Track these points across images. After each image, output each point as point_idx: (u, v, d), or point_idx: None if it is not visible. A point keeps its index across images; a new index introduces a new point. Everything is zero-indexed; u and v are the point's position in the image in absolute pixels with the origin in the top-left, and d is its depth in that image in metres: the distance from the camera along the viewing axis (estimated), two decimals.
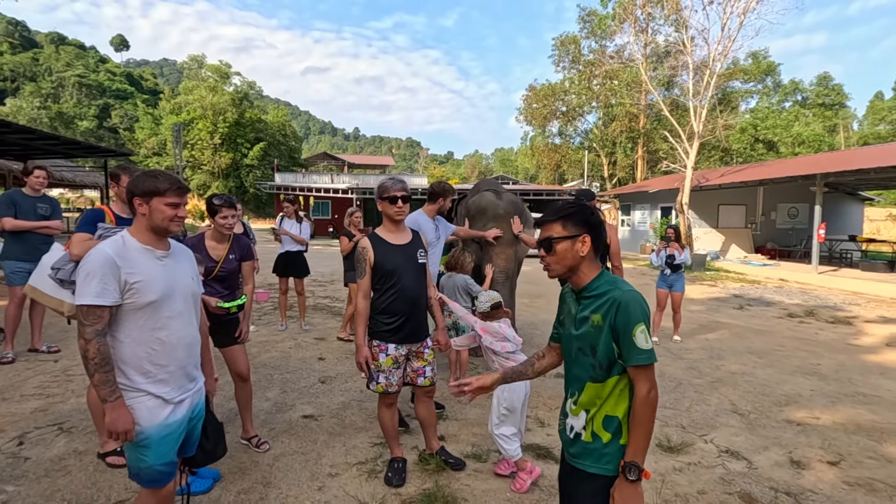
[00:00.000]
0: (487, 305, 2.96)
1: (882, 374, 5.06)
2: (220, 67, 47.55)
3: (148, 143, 46.52)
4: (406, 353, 2.74)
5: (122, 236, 1.81)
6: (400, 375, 2.75)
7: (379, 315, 2.68)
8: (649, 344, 1.44)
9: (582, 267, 1.57)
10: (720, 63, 17.08)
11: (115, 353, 1.72)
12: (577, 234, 1.55)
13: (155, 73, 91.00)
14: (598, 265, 1.60)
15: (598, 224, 1.58)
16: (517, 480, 2.78)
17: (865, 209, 21.44)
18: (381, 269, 2.66)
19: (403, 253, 2.71)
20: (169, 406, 1.79)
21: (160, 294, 1.76)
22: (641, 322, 1.44)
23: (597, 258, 1.60)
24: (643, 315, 1.46)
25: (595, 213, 1.62)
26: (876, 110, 53.34)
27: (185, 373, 1.86)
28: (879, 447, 3.42)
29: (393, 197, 2.67)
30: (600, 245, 1.59)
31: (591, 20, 29.71)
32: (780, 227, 18.68)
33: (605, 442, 1.50)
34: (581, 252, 1.55)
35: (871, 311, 8.54)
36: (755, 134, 32.04)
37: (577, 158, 34.68)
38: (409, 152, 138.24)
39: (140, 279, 1.73)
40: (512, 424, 2.81)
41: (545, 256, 1.60)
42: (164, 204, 1.80)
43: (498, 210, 4.93)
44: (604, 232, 1.61)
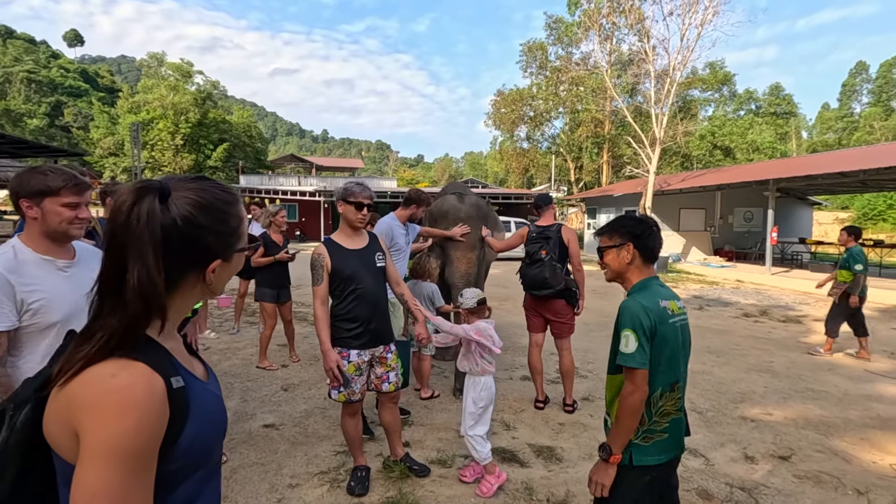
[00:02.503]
0: (473, 301, 2.92)
1: (829, 371, 5.32)
2: (182, 66, 46.05)
3: (103, 143, 44.52)
4: (369, 358, 2.70)
5: (13, 247, 1.53)
6: (363, 382, 2.70)
7: (340, 322, 2.63)
8: (629, 349, 1.61)
9: (628, 274, 1.77)
10: (680, 72, 17.71)
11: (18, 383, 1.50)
12: (620, 243, 1.75)
13: (112, 71, 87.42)
14: (646, 273, 1.77)
15: (643, 234, 1.74)
16: (483, 484, 2.77)
17: (814, 213, 22.61)
18: (340, 275, 2.61)
19: (360, 258, 2.67)
20: None
21: (67, 312, 1.52)
22: (627, 328, 1.63)
23: (646, 265, 1.77)
24: (630, 322, 1.63)
25: (641, 223, 1.76)
26: (824, 120, 56.51)
27: None
28: (826, 441, 3.58)
29: (360, 203, 2.63)
30: (649, 254, 1.76)
31: (557, 27, 30.32)
32: (736, 230, 19.46)
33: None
34: (625, 260, 1.75)
35: (819, 311, 8.98)
36: (713, 140, 33.34)
37: (544, 163, 35.24)
38: (379, 155, 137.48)
39: (40, 297, 1.48)
40: (484, 424, 2.81)
41: (601, 263, 1.85)
42: (59, 205, 1.53)
43: (460, 214, 4.81)
44: (652, 241, 1.76)
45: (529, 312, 4.16)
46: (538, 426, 3.71)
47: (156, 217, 0.75)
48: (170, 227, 0.76)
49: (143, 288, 0.73)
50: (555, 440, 3.47)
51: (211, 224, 0.81)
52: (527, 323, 4.20)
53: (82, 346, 0.72)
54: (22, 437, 0.73)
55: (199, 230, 0.79)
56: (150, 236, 0.74)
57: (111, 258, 0.76)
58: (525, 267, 4.08)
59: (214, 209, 0.82)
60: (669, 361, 1.67)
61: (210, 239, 0.82)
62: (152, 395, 0.70)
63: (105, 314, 0.74)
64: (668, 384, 1.67)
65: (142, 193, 0.76)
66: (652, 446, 1.67)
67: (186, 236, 0.78)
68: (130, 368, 0.71)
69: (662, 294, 1.72)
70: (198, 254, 0.81)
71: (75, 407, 0.68)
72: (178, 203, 0.78)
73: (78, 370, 0.70)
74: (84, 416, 0.67)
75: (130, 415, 0.67)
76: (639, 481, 1.67)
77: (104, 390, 0.68)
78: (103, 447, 0.66)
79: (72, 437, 0.68)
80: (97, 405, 0.67)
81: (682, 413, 1.75)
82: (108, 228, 0.76)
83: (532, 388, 4.20)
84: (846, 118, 54.96)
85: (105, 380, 0.69)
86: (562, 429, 3.67)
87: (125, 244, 0.74)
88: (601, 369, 5.21)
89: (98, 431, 0.66)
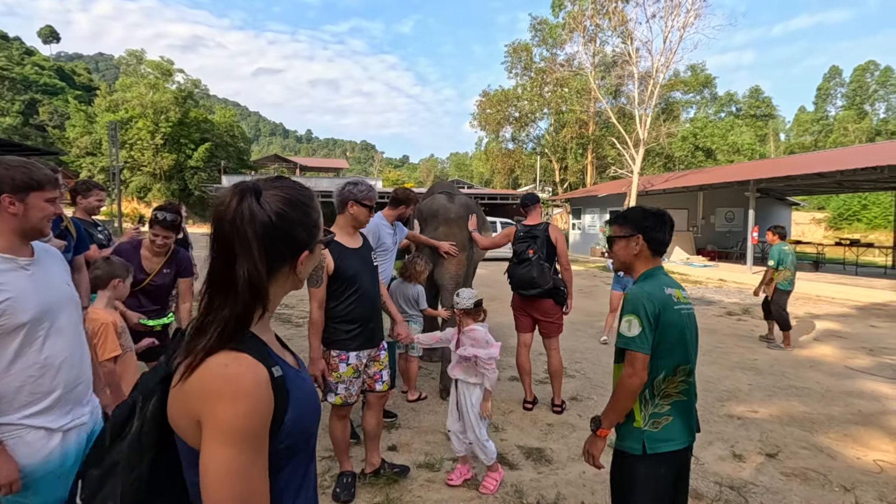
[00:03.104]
0: (470, 302, 2.82)
1: (811, 367, 5.39)
2: (162, 64, 45.19)
3: (80, 143, 43.43)
4: (366, 360, 2.65)
5: None
6: (359, 385, 2.65)
7: (338, 323, 2.57)
8: (631, 332, 1.65)
9: (635, 264, 1.81)
10: (662, 74, 17.92)
11: None
12: (630, 234, 1.79)
13: (89, 69, 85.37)
14: (652, 263, 1.80)
15: (653, 226, 1.78)
16: (488, 482, 2.75)
17: (792, 213, 23.10)
18: (342, 276, 2.56)
19: (360, 257, 2.65)
20: (55, 436, 1.49)
21: (35, 312, 1.44)
22: (630, 313, 1.67)
23: (653, 257, 1.80)
24: (633, 307, 1.67)
25: (652, 216, 1.80)
26: (800, 122, 57.85)
27: (74, 396, 1.56)
28: (811, 437, 3.61)
29: (371, 206, 2.67)
30: (657, 247, 1.79)
31: (542, 29, 30.47)
32: (718, 230, 19.78)
33: (622, 422, 1.73)
34: (634, 251, 1.79)
35: (799, 308, 9.14)
36: (695, 142, 33.86)
37: (529, 163, 35.40)
38: (364, 155, 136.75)
39: (6, 297, 1.40)
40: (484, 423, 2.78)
41: (609, 253, 1.90)
42: (43, 200, 1.48)
43: (450, 214, 4.76)
44: (661, 234, 1.80)
45: (517, 312, 4.13)
46: (527, 427, 3.67)
47: (256, 215, 0.82)
48: (267, 223, 0.83)
49: (252, 280, 0.81)
50: (544, 441, 3.44)
51: (299, 218, 0.88)
52: (515, 323, 4.17)
53: (199, 339, 0.79)
54: (153, 426, 0.82)
55: (290, 224, 0.86)
56: (254, 233, 0.81)
57: (220, 256, 0.82)
58: (513, 266, 4.04)
59: (301, 204, 0.89)
60: (673, 346, 1.70)
61: (299, 232, 0.88)
62: (258, 383, 0.77)
63: (216, 308, 0.81)
64: (670, 367, 1.70)
65: (243, 194, 0.83)
66: (662, 431, 1.68)
67: (281, 231, 0.85)
68: (239, 359, 0.78)
69: (667, 282, 1.77)
70: (290, 247, 0.88)
71: (196, 395, 0.75)
72: (270, 201, 0.84)
73: (200, 361, 0.77)
74: (203, 403, 0.75)
75: (242, 401, 0.75)
76: (655, 472, 1.67)
77: (219, 379, 0.75)
78: (223, 430, 0.73)
79: (195, 424, 0.76)
80: (214, 392, 0.75)
81: (686, 397, 1.75)
82: (215, 228, 0.83)
83: (520, 388, 4.17)
84: (822, 121, 56.33)
85: (220, 369, 0.76)
86: (550, 430, 3.64)
87: (232, 242, 0.81)
88: (588, 369, 5.20)
89: (216, 416, 0.73)
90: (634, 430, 1.70)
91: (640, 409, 1.69)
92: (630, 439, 1.71)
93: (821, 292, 11.06)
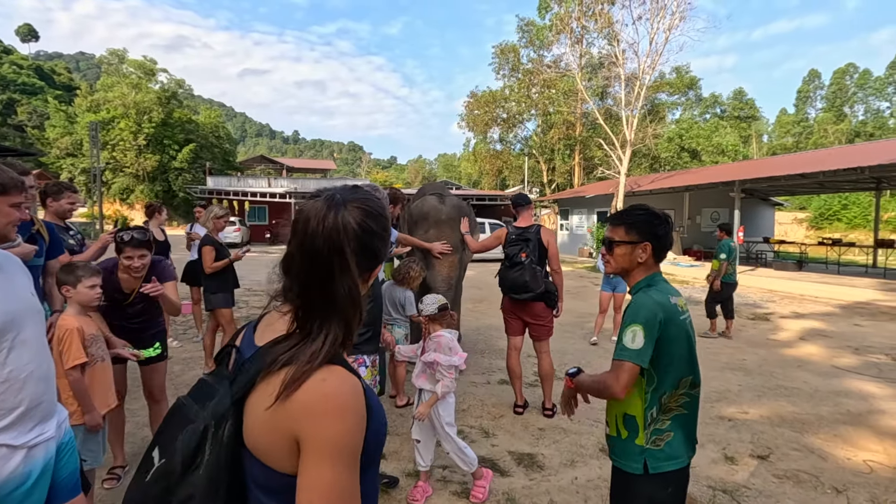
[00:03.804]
0: (435, 307, 2.74)
1: (799, 367, 5.42)
2: (144, 63, 44.43)
3: (60, 143, 42.50)
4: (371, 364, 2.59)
5: None
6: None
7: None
8: (635, 344, 1.52)
9: (635, 272, 1.68)
10: (648, 75, 18.06)
11: None
12: (638, 240, 1.65)
13: (70, 68, 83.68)
14: (654, 269, 1.69)
15: (664, 234, 1.66)
16: (477, 490, 2.67)
17: (776, 213, 23.44)
18: None
19: None
20: (18, 453, 1.39)
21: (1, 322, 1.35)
22: (638, 323, 1.54)
23: (656, 264, 1.69)
24: (644, 317, 1.55)
25: (663, 222, 1.67)
26: (782, 124, 58.87)
27: (40, 411, 1.46)
28: (802, 438, 3.60)
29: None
30: (662, 255, 1.68)
31: (529, 30, 30.56)
32: (704, 230, 19.96)
33: (623, 438, 1.62)
34: (639, 258, 1.66)
35: (785, 308, 9.24)
36: (681, 143, 34.23)
37: (517, 164, 35.47)
38: (352, 156, 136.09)
39: None
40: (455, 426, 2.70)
41: (605, 254, 1.74)
42: (8, 205, 1.41)
43: (440, 215, 4.68)
44: (669, 241, 1.69)
45: (508, 315, 4.07)
46: (518, 432, 3.61)
47: (351, 229, 0.80)
48: (360, 236, 0.81)
49: (353, 296, 0.79)
50: (535, 447, 3.38)
51: (379, 230, 0.86)
52: (505, 326, 4.11)
53: (291, 355, 0.75)
54: (229, 452, 0.76)
55: (372, 237, 0.84)
56: (351, 249, 0.80)
57: (313, 272, 0.79)
58: (504, 270, 3.98)
59: (380, 216, 0.87)
60: (678, 360, 1.59)
61: (378, 244, 0.86)
62: (358, 395, 0.76)
63: (317, 326, 0.78)
64: (675, 381, 1.59)
65: (336, 208, 0.81)
66: (664, 449, 1.57)
67: (365, 244, 0.83)
68: (336, 372, 0.76)
69: (671, 290, 1.67)
70: (372, 259, 0.86)
71: (296, 414, 0.72)
72: (353, 214, 0.82)
73: (304, 379, 0.73)
74: (307, 421, 0.71)
75: (348, 416, 0.73)
76: (661, 493, 1.57)
77: (322, 395, 0.72)
78: (330, 448, 0.71)
79: (290, 446, 0.72)
80: (318, 410, 0.72)
81: (688, 410, 1.63)
82: (304, 242, 0.79)
83: (511, 392, 4.11)
84: (802, 123, 57.37)
85: (319, 385, 0.73)
86: (542, 434, 3.58)
87: (330, 257, 0.78)
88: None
89: (322, 434, 0.71)
90: (636, 447, 1.59)
91: (644, 428, 1.58)
92: (629, 458, 1.60)
93: (805, 291, 11.20)
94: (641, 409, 1.59)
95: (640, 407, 1.59)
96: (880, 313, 8.73)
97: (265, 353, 0.78)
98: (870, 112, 56.60)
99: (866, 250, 16.61)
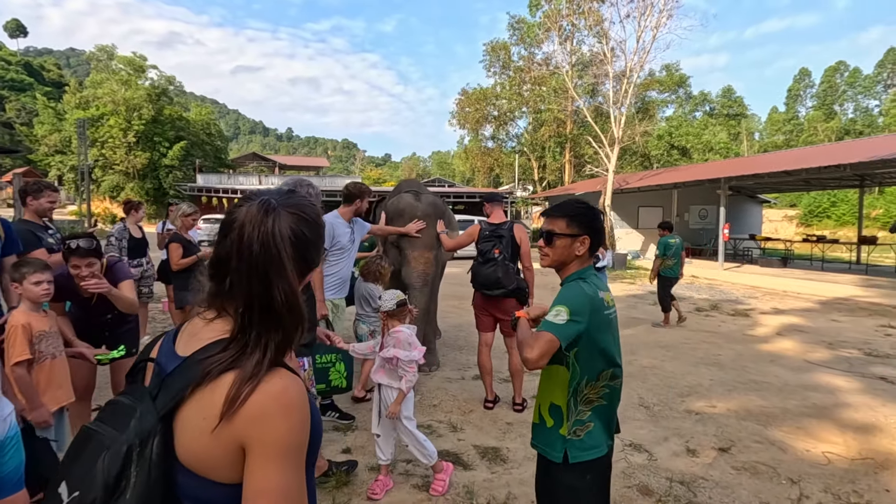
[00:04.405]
0: (393, 303, 2.75)
1: (772, 362, 5.49)
2: (134, 60, 43.99)
3: (49, 140, 42.07)
4: (307, 367, 2.59)
5: None
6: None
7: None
8: (558, 320, 1.55)
9: (571, 265, 1.71)
10: (636, 73, 18.14)
11: None
12: (578, 233, 1.67)
13: (59, 64, 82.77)
14: (587, 263, 1.73)
15: (600, 228, 1.71)
16: (437, 483, 2.70)
17: (764, 211, 23.63)
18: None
19: None
20: None
21: None
22: (561, 304, 1.58)
23: (589, 258, 1.73)
24: (570, 301, 1.58)
25: (598, 215, 1.73)
26: (773, 122, 59.29)
27: None
28: (765, 431, 3.66)
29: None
30: (596, 249, 1.72)
31: (520, 28, 30.55)
32: (692, 227, 20.09)
33: (548, 427, 1.65)
34: (577, 251, 1.69)
35: (766, 304, 9.34)
36: (670, 140, 34.40)
37: (509, 162, 35.53)
38: (346, 154, 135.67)
39: None
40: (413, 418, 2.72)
41: (543, 247, 1.73)
42: None
43: (416, 212, 4.68)
44: (603, 235, 1.74)
45: (479, 311, 4.10)
46: (486, 426, 3.65)
47: (286, 236, 0.79)
48: (294, 243, 0.80)
49: (291, 302, 0.78)
50: (501, 440, 3.42)
51: (313, 237, 0.85)
52: (476, 322, 4.14)
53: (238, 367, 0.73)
54: (159, 470, 0.72)
55: (306, 244, 0.83)
56: (287, 254, 0.78)
57: (250, 277, 0.77)
58: (477, 266, 4.01)
59: (314, 223, 0.86)
60: (599, 352, 1.63)
61: (312, 252, 0.85)
62: (302, 394, 0.76)
63: (257, 333, 0.76)
64: (594, 373, 1.63)
65: (270, 213, 0.79)
66: (584, 439, 1.61)
67: (300, 250, 0.82)
68: (279, 373, 0.76)
69: (600, 285, 1.70)
70: (305, 267, 0.84)
71: (242, 421, 0.70)
72: (288, 220, 0.81)
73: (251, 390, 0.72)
74: (253, 425, 0.70)
75: (294, 414, 0.73)
76: (580, 482, 1.61)
77: (268, 397, 0.72)
78: (276, 449, 0.71)
79: (235, 452, 0.71)
80: (265, 412, 0.71)
81: (608, 402, 1.66)
82: (241, 248, 0.77)
83: (482, 388, 4.14)
84: (793, 121, 57.79)
85: (264, 388, 0.73)
86: (509, 428, 3.62)
87: (266, 263, 0.77)
88: None
89: (269, 436, 0.70)
90: (559, 437, 1.63)
91: (567, 419, 1.62)
92: (552, 447, 1.64)
93: (788, 288, 11.32)
94: (566, 399, 1.63)
95: (565, 398, 1.63)
96: (859, 309, 8.85)
97: (195, 364, 0.75)
98: (859, 110, 57.14)
99: (850, 247, 16.80)
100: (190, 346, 0.80)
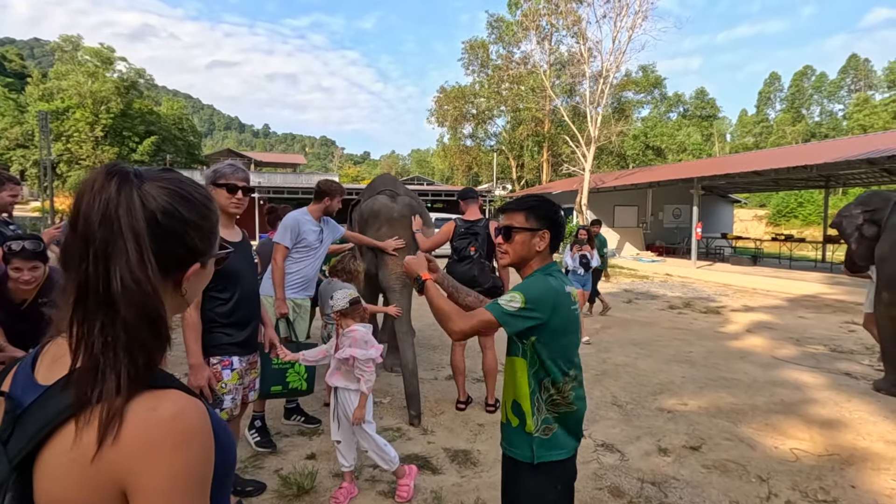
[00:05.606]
0: (345, 302, 2.62)
1: (742, 359, 5.56)
2: (101, 51, 42.46)
3: (10, 134, 40.33)
4: (246, 365, 2.43)
5: None
6: (242, 393, 2.41)
7: (221, 327, 2.31)
8: (509, 306, 1.49)
9: (532, 261, 1.63)
10: (612, 74, 18.33)
11: None
12: (538, 228, 1.61)
13: (22, 54, 79.39)
14: (548, 260, 1.66)
15: (560, 222, 1.64)
16: (401, 489, 2.60)
17: (735, 210, 24.24)
18: (223, 273, 2.30)
19: (241, 252, 2.37)
20: None
21: None
22: (521, 292, 1.51)
23: (551, 255, 1.66)
24: (528, 291, 1.52)
25: (558, 209, 1.66)
26: (743, 124, 60.95)
27: None
28: (735, 428, 3.68)
29: (233, 186, 2.28)
30: (557, 243, 1.66)
31: (498, 26, 30.61)
32: (666, 226, 20.46)
33: (514, 426, 1.60)
34: (538, 247, 1.61)
35: (737, 301, 9.52)
36: (646, 141, 35.02)
37: (488, 160, 35.59)
38: (324, 151, 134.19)
39: None
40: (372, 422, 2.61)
41: (502, 244, 1.65)
42: None
43: (392, 213, 4.46)
44: (564, 230, 1.68)
45: None
46: (457, 428, 3.57)
47: (146, 210, 0.64)
48: (151, 219, 0.65)
49: (134, 296, 0.61)
50: (472, 443, 3.34)
51: (192, 219, 0.70)
52: None
53: (86, 390, 0.59)
54: None
55: (181, 224, 0.68)
56: (139, 230, 0.63)
57: (90, 263, 0.61)
58: (453, 264, 3.92)
59: (197, 202, 0.71)
60: (565, 347, 1.57)
61: (192, 236, 0.70)
62: (201, 416, 0.63)
63: (100, 344, 0.61)
64: (560, 372, 1.56)
65: (122, 181, 0.64)
66: (551, 439, 1.55)
67: (167, 232, 0.67)
68: (168, 396, 0.62)
69: (566, 280, 1.65)
70: (178, 254, 0.69)
71: (122, 457, 0.57)
72: (155, 193, 0.66)
73: (115, 420, 0.58)
74: (139, 461, 0.58)
75: (193, 444, 0.61)
76: (546, 483, 1.56)
77: (154, 427, 0.59)
78: (170, 488, 0.59)
79: (113, 497, 0.59)
80: (151, 446, 0.58)
81: (577, 406, 1.61)
82: (76, 224, 0.63)
83: (455, 388, 4.06)
84: (762, 123, 59.52)
85: (147, 417, 0.59)
86: (481, 430, 3.55)
87: (107, 240, 0.61)
88: None
89: (160, 473, 0.58)
90: (525, 435, 1.57)
91: (533, 415, 1.56)
92: (520, 446, 1.59)
93: (757, 285, 11.58)
94: (528, 395, 1.56)
95: (527, 393, 1.56)
96: (825, 306, 9.10)
97: (58, 394, 0.61)
98: (825, 113, 59.19)
99: (816, 246, 17.32)
100: (53, 372, 0.65)
